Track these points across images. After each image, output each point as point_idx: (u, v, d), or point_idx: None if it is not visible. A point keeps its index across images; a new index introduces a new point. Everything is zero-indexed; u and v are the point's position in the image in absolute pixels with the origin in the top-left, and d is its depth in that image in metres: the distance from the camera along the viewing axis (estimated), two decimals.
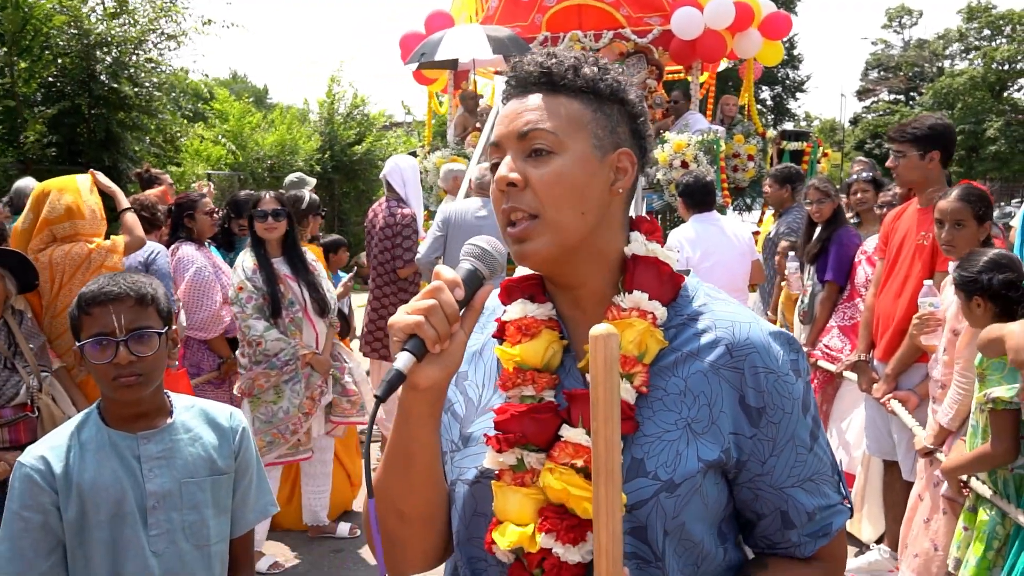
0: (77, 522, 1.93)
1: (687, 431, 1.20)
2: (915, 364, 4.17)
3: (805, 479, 1.25)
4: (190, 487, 2.02)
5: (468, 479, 1.27)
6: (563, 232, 1.21)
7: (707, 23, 9.60)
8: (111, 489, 1.93)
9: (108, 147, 12.75)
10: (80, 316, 1.97)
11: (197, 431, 2.08)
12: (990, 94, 40.15)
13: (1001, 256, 3.28)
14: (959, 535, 3.40)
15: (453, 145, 9.73)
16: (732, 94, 11.87)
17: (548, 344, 1.25)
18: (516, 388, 1.24)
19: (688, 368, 1.23)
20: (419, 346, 1.09)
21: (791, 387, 1.24)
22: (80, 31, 12.46)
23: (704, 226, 5.50)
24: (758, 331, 1.26)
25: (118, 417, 2.01)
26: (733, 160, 9.44)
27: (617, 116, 1.27)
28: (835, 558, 1.31)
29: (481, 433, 1.27)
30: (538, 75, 1.25)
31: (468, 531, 1.27)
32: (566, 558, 1.15)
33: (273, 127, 17.14)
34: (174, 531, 1.99)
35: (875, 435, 4.52)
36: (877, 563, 4.48)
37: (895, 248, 4.35)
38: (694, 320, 1.27)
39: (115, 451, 1.97)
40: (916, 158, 4.12)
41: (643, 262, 1.27)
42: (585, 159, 1.22)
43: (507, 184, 1.21)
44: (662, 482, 1.18)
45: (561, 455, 1.18)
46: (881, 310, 4.40)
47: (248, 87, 40.12)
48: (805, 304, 5.39)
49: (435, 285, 1.11)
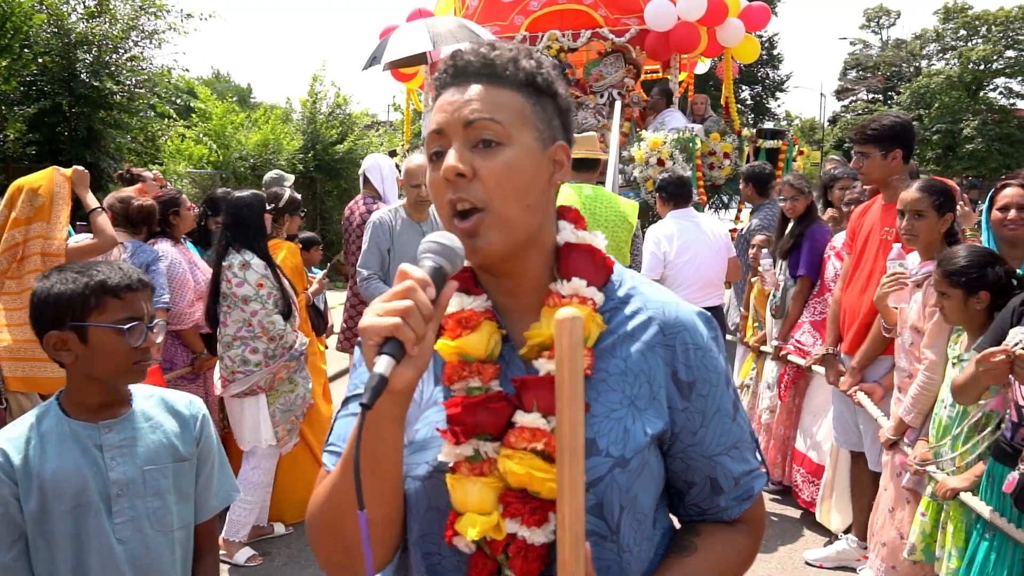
0: (38, 513, 1.92)
1: (632, 408, 1.25)
2: (880, 356, 4.26)
3: (731, 447, 1.33)
4: (153, 474, 2.04)
5: (420, 475, 1.26)
6: (511, 226, 1.23)
7: (680, 15, 9.67)
8: (72, 479, 1.94)
9: (89, 145, 12.65)
10: (107, 299, 1.98)
11: (158, 419, 2.11)
12: (966, 94, 40.46)
13: (983, 249, 3.36)
14: (916, 521, 3.50)
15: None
16: (714, 95, 11.95)
17: (489, 335, 1.26)
18: (462, 381, 1.24)
19: (626, 349, 1.28)
20: (398, 348, 1.05)
21: (716, 362, 1.32)
22: (60, 30, 12.38)
23: (681, 222, 5.55)
24: (686, 311, 1.33)
25: (83, 407, 2.02)
26: (709, 158, 9.52)
27: (552, 109, 1.29)
28: (757, 519, 1.40)
29: (430, 429, 1.27)
30: (480, 66, 1.25)
31: (422, 528, 1.28)
32: (532, 540, 1.18)
33: (257, 126, 17.09)
34: (139, 518, 2.01)
35: (842, 427, 4.60)
36: (845, 552, 4.57)
37: (861, 243, 4.43)
38: (625, 303, 1.32)
39: (76, 441, 1.98)
40: (879, 158, 4.22)
41: (577, 249, 1.30)
42: (530, 151, 1.24)
43: (456, 174, 1.21)
44: (615, 458, 1.22)
45: (518, 440, 1.19)
46: (848, 304, 4.48)
47: (231, 86, 39.89)
48: (777, 299, 5.48)
49: (407, 285, 1.07)
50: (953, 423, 3.30)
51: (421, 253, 1.15)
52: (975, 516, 3.09)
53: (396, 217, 5.02)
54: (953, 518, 3.26)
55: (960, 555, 3.18)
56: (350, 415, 1.33)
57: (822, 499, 5.00)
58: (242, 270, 4.56)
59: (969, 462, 3.23)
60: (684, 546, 1.33)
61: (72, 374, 2.01)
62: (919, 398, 3.63)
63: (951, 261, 3.32)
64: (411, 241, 4.96)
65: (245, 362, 4.58)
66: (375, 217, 5.03)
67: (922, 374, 3.61)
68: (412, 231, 5.02)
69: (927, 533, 3.44)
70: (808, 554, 4.71)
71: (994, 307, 3.21)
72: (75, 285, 1.96)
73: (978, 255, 3.27)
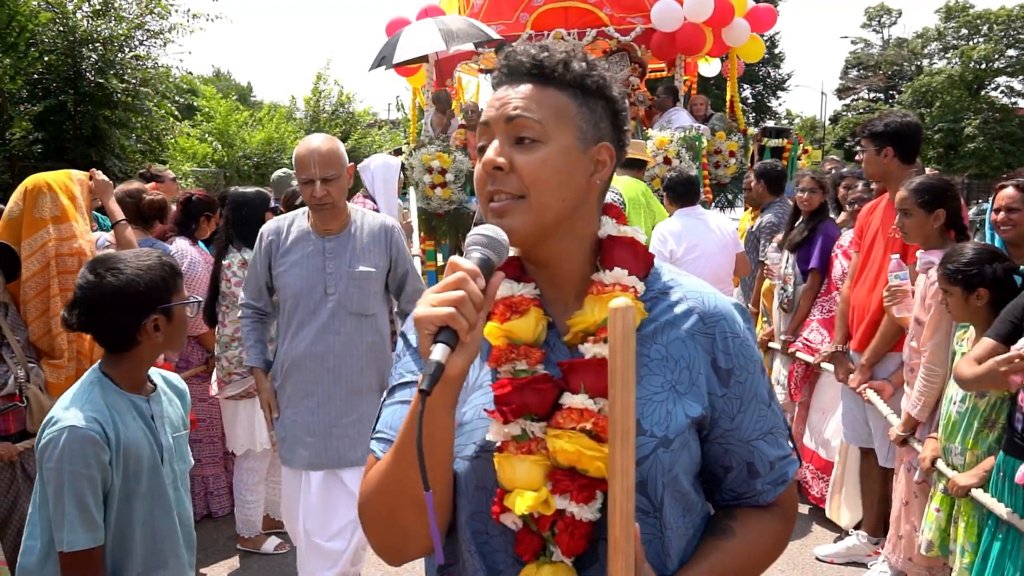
0: (124, 478, 2.15)
1: (672, 392, 1.31)
2: (889, 353, 4.29)
3: (767, 432, 1.39)
4: (179, 441, 2.36)
5: (468, 455, 1.31)
6: (543, 213, 1.29)
7: (687, 16, 9.68)
8: (142, 446, 2.19)
9: (94, 144, 12.72)
10: (179, 281, 2.30)
11: (170, 393, 2.42)
12: (968, 92, 40.45)
13: (987, 247, 3.41)
14: (931, 517, 3.53)
15: (438, 143, 9.78)
16: (716, 94, 11.96)
17: (537, 320, 1.32)
18: (509, 363, 1.29)
19: (667, 336, 1.34)
20: (453, 337, 1.10)
21: (752, 350, 1.38)
22: (66, 28, 12.44)
23: (688, 220, 5.59)
24: (723, 301, 1.39)
25: (136, 382, 2.28)
26: (715, 157, 9.54)
27: (600, 111, 1.35)
28: (790, 503, 1.46)
29: (477, 410, 1.32)
30: (530, 66, 1.31)
31: (472, 506, 1.32)
32: (581, 516, 1.22)
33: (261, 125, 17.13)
34: (176, 479, 2.32)
35: (852, 423, 4.63)
36: (855, 548, 4.60)
37: (869, 241, 4.47)
38: (666, 293, 1.38)
39: (138, 412, 2.23)
40: (872, 153, 4.29)
41: (619, 241, 1.36)
42: (568, 150, 1.30)
43: (493, 168, 1.28)
44: (659, 438, 1.28)
45: (567, 420, 1.24)
46: (856, 302, 4.51)
47: (232, 84, 39.90)
48: (788, 292, 5.50)
49: (459, 276, 1.12)
50: (962, 419, 3.33)
51: (469, 245, 1.20)
52: (987, 511, 3.12)
53: (290, 228, 3.66)
54: (964, 513, 3.29)
55: (972, 550, 3.21)
56: (398, 403, 1.38)
57: (831, 495, 5.02)
58: (242, 269, 4.48)
59: (979, 456, 3.26)
60: (722, 529, 1.38)
61: (148, 352, 2.26)
62: (924, 390, 3.67)
63: (950, 259, 3.36)
64: (304, 263, 3.57)
65: (242, 363, 4.49)
66: (263, 229, 3.75)
67: (924, 366, 3.65)
68: (309, 246, 3.59)
69: (942, 528, 3.47)
70: (819, 550, 4.73)
71: (996, 303, 3.25)
72: (158, 272, 2.23)
73: (977, 253, 3.31)
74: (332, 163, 3.46)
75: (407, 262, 3.76)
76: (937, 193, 3.77)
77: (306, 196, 3.50)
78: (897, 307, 3.99)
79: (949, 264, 3.35)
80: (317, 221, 3.61)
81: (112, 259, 2.25)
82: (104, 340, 2.28)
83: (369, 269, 3.60)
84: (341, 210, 3.60)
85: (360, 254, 3.60)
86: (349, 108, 18.73)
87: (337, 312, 3.55)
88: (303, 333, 3.57)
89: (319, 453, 3.59)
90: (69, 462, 2.05)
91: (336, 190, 3.48)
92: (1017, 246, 3.59)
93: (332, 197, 3.47)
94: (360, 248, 3.61)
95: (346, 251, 3.59)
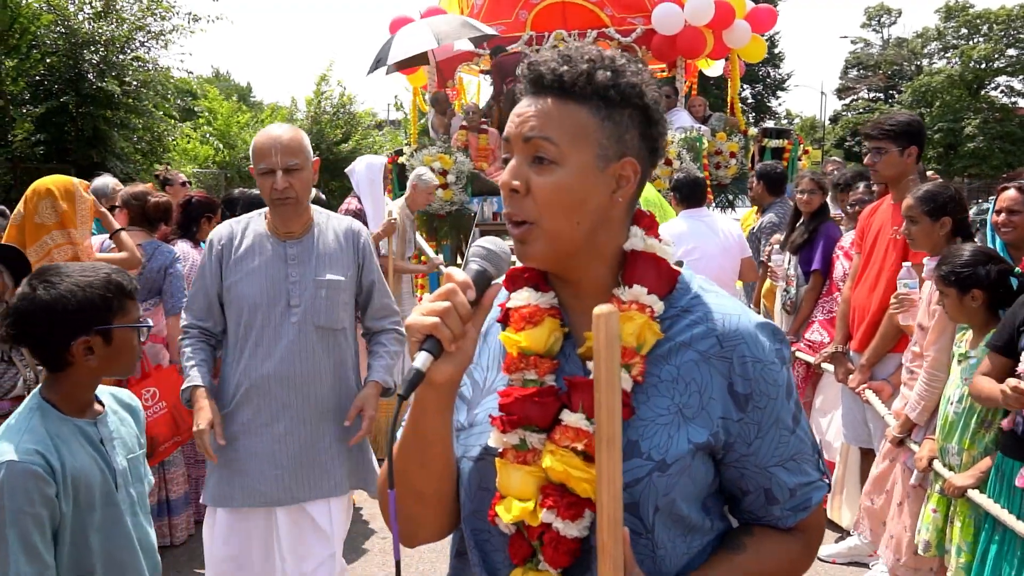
0: (74, 510, 1.98)
1: (679, 416, 1.28)
2: (889, 354, 4.30)
3: (787, 459, 1.34)
4: (134, 463, 2.20)
5: (473, 456, 1.35)
6: (557, 240, 1.28)
7: (687, 19, 9.69)
8: (93, 473, 2.03)
9: (95, 145, 12.74)
10: (126, 301, 2.10)
11: (120, 413, 2.25)
12: (968, 92, 40.47)
13: (983, 248, 3.44)
14: (927, 517, 3.55)
15: (440, 144, 9.79)
16: (715, 94, 11.97)
17: (550, 331, 1.32)
18: (519, 372, 1.30)
19: (681, 357, 1.31)
20: (436, 346, 1.15)
21: (776, 375, 1.32)
22: (67, 30, 12.46)
23: (691, 221, 5.57)
24: (746, 322, 1.33)
25: (80, 405, 2.11)
26: (715, 157, 9.56)
27: (627, 121, 1.30)
28: (813, 528, 1.41)
29: (486, 414, 1.34)
30: (551, 79, 1.28)
31: (473, 504, 1.36)
32: (565, 533, 1.24)
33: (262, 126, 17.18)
34: (133, 504, 2.16)
35: (851, 424, 4.63)
36: (857, 548, 4.60)
37: (871, 242, 4.47)
38: (687, 312, 1.34)
39: (85, 437, 2.06)
40: (896, 154, 4.24)
41: (642, 258, 1.34)
42: (585, 171, 1.27)
43: (510, 190, 1.29)
44: (655, 462, 1.26)
45: (562, 438, 1.25)
46: (857, 302, 4.52)
47: (231, 85, 39.91)
48: (791, 294, 5.51)
49: (449, 288, 1.16)
50: (960, 419, 3.35)
51: (470, 257, 1.24)
52: (983, 511, 3.14)
53: (245, 232, 3.21)
54: (961, 513, 3.31)
55: (969, 550, 3.23)
56: None
57: (833, 496, 5.03)
58: None
59: (976, 456, 3.28)
60: (735, 544, 1.37)
61: (82, 376, 2.07)
62: (924, 394, 3.68)
63: (945, 262, 3.39)
64: (263, 271, 3.13)
65: None
66: (212, 234, 3.28)
67: (926, 371, 3.66)
68: (267, 252, 3.16)
69: (939, 528, 3.48)
70: (821, 550, 4.72)
71: (993, 304, 3.28)
72: (97, 290, 2.03)
73: (972, 255, 3.34)
74: (295, 152, 3.04)
75: (375, 271, 3.38)
76: (943, 201, 3.78)
77: (265, 190, 3.07)
78: (903, 316, 3.99)
79: (944, 266, 3.38)
80: (277, 222, 3.17)
81: (52, 271, 2.08)
82: (38, 357, 2.14)
83: (337, 277, 3.20)
84: (304, 209, 3.18)
85: (327, 260, 3.19)
86: (350, 109, 18.74)
87: (303, 326, 3.12)
88: (265, 351, 3.11)
89: (287, 488, 3.14)
90: (10, 500, 1.89)
91: (299, 183, 3.05)
92: (1018, 248, 3.61)
93: (295, 191, 3.05)
94: (327, 253, 3.21)
95: (311, 257, 3.17)
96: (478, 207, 9.37)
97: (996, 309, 3.27)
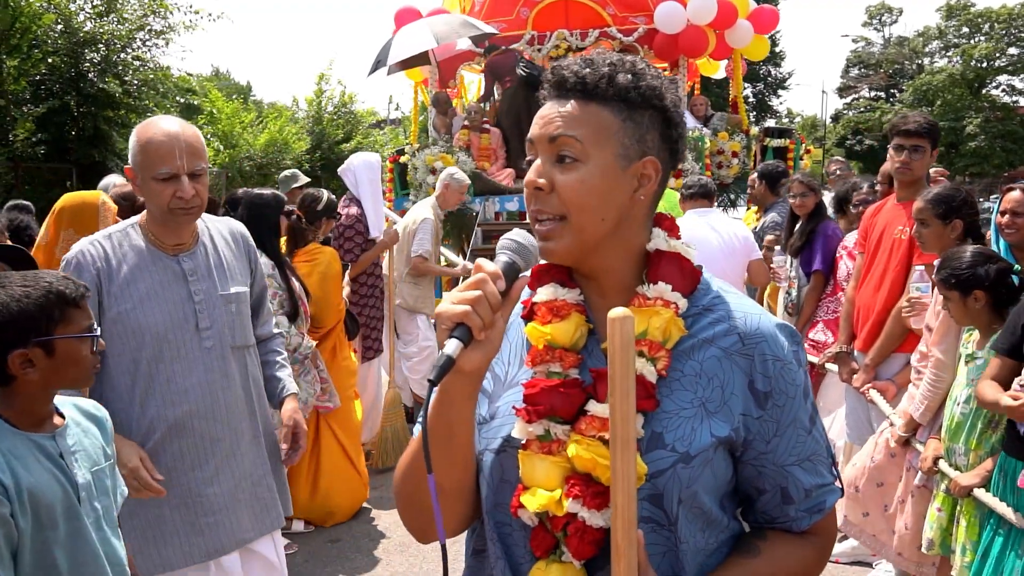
0: (35, 528, 1.92)
1: (702, 409, 1.31)
2: (893, 354, 4.30)
3: (804, 458, 1.36)
4: (99, 475, 2.10)
5: (495, 448, 1.36)
6: (583, 234, 1.31)
7: (690, 18, 9.70)
8: (51, 489, 1.96)
9: (96, 144, 12.76)
10: (69, 310, 2.00)
11: (84, 424, 2.15)
12: (969, 91, 40.52)
13: (983, 249, 3.43)
14: (932, 516, 3.55)
15: (442, 144, 9.80)
16: (718, 93, 11.97)
17: (576, 325, 1.34)
18: (544, 364, 1.32)
19: (704, 353, 1.33)
20: (466, 333, 1.17)
21: (795, 375, 1.35)
22: (68, 30, 12.48)
23: (695, 222, 5.60)
24: (767, 322, 1.37)
25: (34, 419, 2.02)
26: (718, 157, 9.56)
27: (647, 123, 1.34)
28: (826, 533, 1.43)
29: (508, 406, 1.36)
30: (573, 82, 1.32)
31: (495, 497, 1.37)
32: (591, 522, 1.25)
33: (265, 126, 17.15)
34: (99, 518, 2.07)
35: (855, 423, 4.64)
36: (861, 548, 4.59)
37: (875, 242, 4.47)
38: (709, 310, 1.37)
39: (42, 453, 1.98)
40: (929, 154, 4.23)
41: (667, 257, 1.37)
42: (608, 169, 1.31)
43: (535, 188, 1.32)
44: (679, 454, 1.28)
45: (588, 428, 1.27)
46: (861, 302, 4.52)
47: (232, 84, 39.93)
48: (793, 296, 5.51)
49: (479, 277, 1.19)
50: (966, 420, 3.35)
51: (499, 249, 1.27)
52: (988, 510, 3.14)
53: (123, 250, 2.68)
54: (966, 512, 3.31)
55: (973, 549, 3.23)
56: None
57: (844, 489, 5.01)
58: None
59: (981, 456, 3.28)
60: (748, 548, 1.38)
61: (28, 389, 1.98)
62: (928, 394, 3.68)
63: (944, 265, 3.39)
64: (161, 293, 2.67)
65: None
66: (77, 257, 2.63)
67: (931, 372, 3.66)
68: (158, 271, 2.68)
69: (943, 527, 3.48)
70: None
71: (997, 304, 3.27)
72: (34, 300, 1.94)
73: (971, 256, 3.33)
74: (200, 153, 2.64)
75: (263, 276, 3.10)
76: (954, 204, 3.78)
77: (162, 198, 2.57)
78: (915, 320, 3.99)
79: (944, 269, 3.38)
80: (166, 234, 2.70)
81: None
82: None
83: (242, 289, 2.85)
84: (187, 218, 2.70)
85: (226, 271, 2.82)
86: (351, 108, 18.74)
87: (218, 350, 2.73)
88: (179, 386, 2.66)
89: (229, 531, 2.77)
90: None
91: (205, 190, 2.68)
92: (1022, 249, 3.60)
93: (201, 199, 2.64)
94: (223, 263, 2.82)
95: (209, 270, 2.76)
96: (480, 207, 9.37)
97: (1001, 309, 3.27)
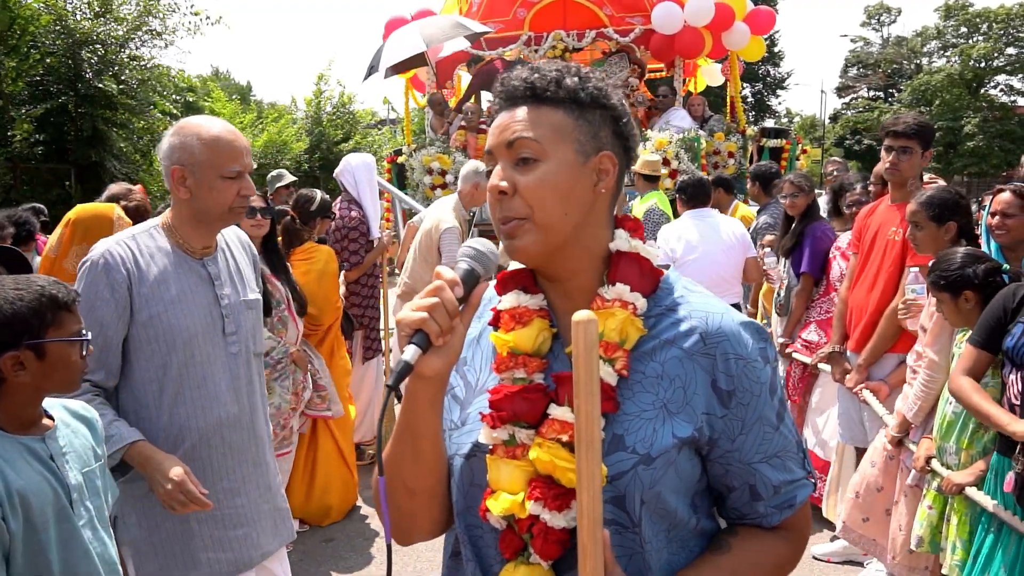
0: (26, 530, 1.92)
1: (663, 411, 1.32)
2: (887, 354, 4.32)
3: (771, 455, 1.37)
4: (90, 476, 2.12)
5: (464, 453, 1.39)
6: (548, 231, 1.32)
7: (687, 19, 9.71)
8: (42, 492, 1.97)
9: (95, 145, 12.74)
10: (61, 314, 2.02)
11: (74, 425, 2.17)
12: (967, 91, 40.48)
13: (973, 251, 3.45)
14: (923, 514, 3.57)
15: (439, 144, 9.81)
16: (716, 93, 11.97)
17: (539, 331, 1.36)
18: (509, 371, 1.35)
19: (665, 354, 1.34)
20: (424, 339, 1.19)
21: (759, 372, 1.35)
22: (66, 30, 12.48)
23: (695, 221, 5.65)
24: (730, 321, 1.36)
25: (24, 422, 2.03)
26: (714, 157, 9.58)
27: (599, 121, 1.37)
28: (799, 528, 1.43)
29: (477, 412, 1.38)
30: (523, 89, 1.35)
31: (466, 501, 1.39)
32: (552, 523, 1.28)
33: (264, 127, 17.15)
34: (92, 519, 2.09)
35: (848, 423, 4.66)
36: (851, 547, 4.61)
37: (868, 243, 4.48)
38: (672, 310, 1.37)
39: (32, 455, 2.00)
40: (919, 155, 4.25)
41: (626, 257, 1.38)
42: (568, 164, 1.33)
43: (499, 192, 1.33)
44: (640, 456, 1.29)
45: (549, 431, 1.30)
46: (854, 303, 4.54)
47: (231, 84, 39.90)
48: (781, 297, 5.54)
49: (436, 284, 1.21)
50: (958, 419, 3.37)
51: (459, 256, 1.29)
52: (979, 509, 3.16)
53: (149, 252, 2.56)
54: (957, 511, 3.32)
55: (964, 547, 3.25)
56: None
57: (828, 494, 5.05)
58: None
59: (973, 456, 3.30)
60: (719, 545, 1.39)
61: (18, 391, 1.99)
62: (921, 395, 3.70)
63: (935, 267, 3.42)
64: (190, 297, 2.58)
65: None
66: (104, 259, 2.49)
67: (924, 372, 3.67)
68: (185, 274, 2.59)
69: (934, 525, 3.51)
70: (816, 549, 4.76)
71: (987, 304, 3.28)
72: (28, 303, 1.96)
73: (960, 257, 3.36)
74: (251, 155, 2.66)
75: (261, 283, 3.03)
76: (948, 206, 3.80)
77: (228, 196, 2.53)
78: (911, 321, 4.01)
79: (934, 271, 3.41)
80: (194, 237, 2.62)
81: None
82: None
83: (257, 296, 2.83)
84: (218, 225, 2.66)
85: (243, 277, 2.78)
86: (350, 108, 18.74)
87: (243, 355, 2.70)
88: (210, 392, 2.60)
89: (255, 545, 2.70)
90: None
91: None
92: (1012, 250, 3.62)
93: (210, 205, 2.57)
94: (240, 269, 2.78)
95: (230, 275, 2.72)
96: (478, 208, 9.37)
97: None
